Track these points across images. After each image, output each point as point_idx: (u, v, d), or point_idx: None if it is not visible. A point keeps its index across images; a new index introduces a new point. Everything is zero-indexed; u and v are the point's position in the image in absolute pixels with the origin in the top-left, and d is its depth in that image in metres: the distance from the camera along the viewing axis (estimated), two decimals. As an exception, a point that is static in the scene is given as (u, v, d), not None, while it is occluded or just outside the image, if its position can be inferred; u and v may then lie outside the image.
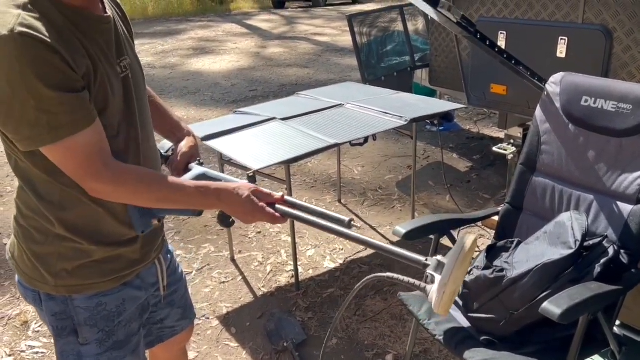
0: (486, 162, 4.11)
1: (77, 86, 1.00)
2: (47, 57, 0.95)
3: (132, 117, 1.18)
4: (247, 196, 1.09)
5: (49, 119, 0.97)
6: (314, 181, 3.95)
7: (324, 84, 6.96)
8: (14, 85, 0.94)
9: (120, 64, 1.15)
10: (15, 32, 0.93)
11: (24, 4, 0.99)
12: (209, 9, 16.26)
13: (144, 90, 1.27)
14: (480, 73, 2.94)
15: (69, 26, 1.03)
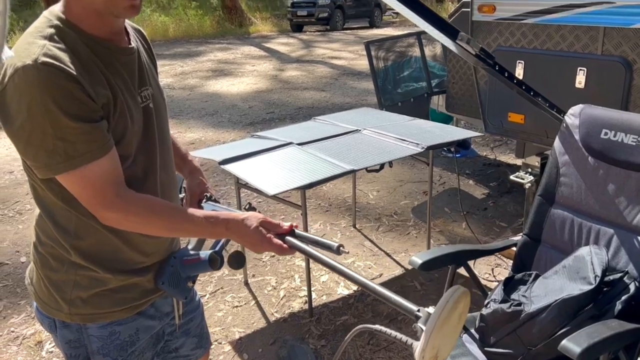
0: (503, 190, 4.07)
1: (96, 116, 1.02)
2: (68, 87, 0.98)
3: (151, 146, 1.20)
4: (256, 227, 1.10)
5: (66, 147, 0.99)
6: (328, 205, 3.95)
7: (340, 107, 7.00)
8: (35, 113, 0.97)
9: (141, 94, 1.17)
10: (39, 62, 0.96)
11: (50, 35, 1.02)
12: (229, 32, 16.55)
13: (166, 119, 1.29)
14: (498, 101, 2.94)
15: (92, 57, 1.05)
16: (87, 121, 1.00)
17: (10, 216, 3.90)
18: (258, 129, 6.10)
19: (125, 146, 1.12)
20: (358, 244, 3.36)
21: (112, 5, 1.04)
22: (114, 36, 1.12)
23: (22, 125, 0.98)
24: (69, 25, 1.05)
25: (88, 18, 1.06)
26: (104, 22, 1.08)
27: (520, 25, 2.75)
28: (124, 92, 1.11)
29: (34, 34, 1.03)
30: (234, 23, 17.29)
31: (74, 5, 1.06)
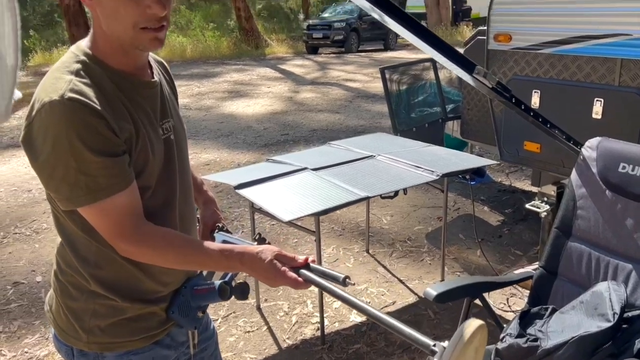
0: (518, 217, 4.04)
1: (118, 150, 1.05)
2: (92, 122, 1.01)
3: (171, 177, 1.22)
4: (270, 260, 1.10)
5: (87, 181, 1.02)
6: (342, 229, 3.95)
7: (354, 130, 7.03)
8: (59, 147, 0.99)
9: (162, 126, 1.20)
10: (66, 97, 0.99)
11: (76, 70, 1.05)
12: (245, 53, 16.77)
13: (186, 150, 1.31)
14: (514, 130, 2.94)
15: (116, 92, 1.09)
16: (110, 155, 1.03)
17: (27, 235, 3.95)
18: (272, 150, 6.14)
19: (146, 178, 1.14)
20: (371, 269, 3.34)
21: (136, 40, 1.07)
22: (138, 71, 1.15)
23: (47, 158, 1.01)
24: (95, 60, 1.09)
25: (114, 54, 1.10)
26: (128, 58, 1.12)
27: (536, 55, 2.76)
28: (146, 125, 1.13)
29: (61, 69, 1.06)
30: (250, 44, 17.53)
31: (100, 41, 1.10)
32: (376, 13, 1.43)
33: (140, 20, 1.04)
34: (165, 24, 1.08)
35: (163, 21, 1.07)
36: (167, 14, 1.07)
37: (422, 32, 1.49)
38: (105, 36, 1.09)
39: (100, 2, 1.04)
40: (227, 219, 4.15)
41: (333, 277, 1.10)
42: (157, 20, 1.06)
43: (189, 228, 1.30)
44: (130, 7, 1.02)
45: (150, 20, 1.05)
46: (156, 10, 1.04)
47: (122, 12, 1.03)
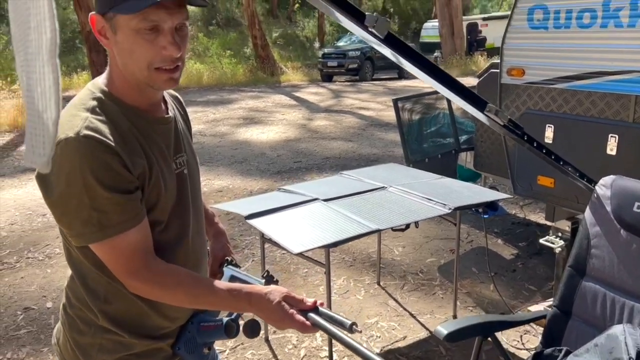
0: (532, 251, 3.98)
1: (131, 187, 1.06)
2: (107, 159, 1.02)
3: (184, 211, 1.23)
4: (278, 302, 1.09)
5: (100, 218, 1.03)
6: (352, 259, 3.92)
7: (367, 158, 7.04)
8: (73, 184, 1.01)
9: (176, 161, 1.22)
10: (81, 134, 1.01)
11: (92, 107, 1.08)
12: (260, 80, 17.01)
13: (199, 185, 1.33)
14: (527, 164, 2.92)
15: (131, 128, 1.10)
16: (122, 192, 1.04)
17: (40, 260, 3.98)
18: (285, 178, 6.16)
19: (159, 213, 1.15)
20: (382, 302, 3.30)
21: (151, 79, 1.09)
22: (152, 107, 1.17)
23: (60, 194, 1.02)
24: (111, 97, 1.11)
25: (129, 91, 1.12)
26: (143, 95, 1.14)
27: (550, 90, 2.76)
28: (160, 161, 1.15)
29: (77, 106, 1.08)
30: (266, 72, 17.79)
31: (116, 78, 1.12)
32: (387, 51, 1.44)
33: (155, 61, 1.06)
34: (180, 64, 1.11)
35: (178, 62, 1.09)
36: (182, 54, 1.09)
37: (433, 70, 1.50)
38: (121, 74, 1.11)
39: (117, 42, 1.06)
40: (238, 247, 4.15)
41: (340, 322, 1.09)
42: (171, 61, 1.08)
43: (200, 263, 1.31)
44: (145, 48, 1.05)
45: (165, 60, 1.07)
46: (171, 52, 1.06)
47: (137, 52, 1.05)
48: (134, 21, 1.02)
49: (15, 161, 7.10)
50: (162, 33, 1.05)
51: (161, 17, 1.03)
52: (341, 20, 1.38)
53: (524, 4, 2.77)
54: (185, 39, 1.10)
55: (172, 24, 1.05)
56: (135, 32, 1.03)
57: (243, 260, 3.91)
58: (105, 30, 1.07)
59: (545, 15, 2.69)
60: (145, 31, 1.03)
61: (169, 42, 1.05)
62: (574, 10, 2.57)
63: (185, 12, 1.08)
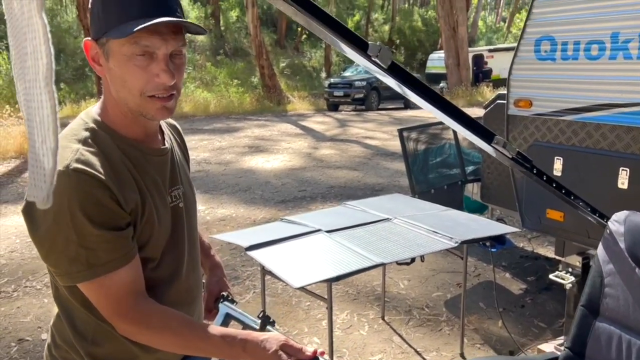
0: (541, 286, 3.87)
1: (122, 223, 1.01)
2: (97, 194, 0.97)
3: (178, 247, 1.18)
4: (275, 351, 1.01)
5: (88, 256, 0.97)
6: (356, 292, 3.82)
7: (372, 188, 6.98)
8: (60, 221, 0.95)
9: (172, 194, 1.17)
10: (71, 168, 0.96)
11: (84, 139, 1.03)
12: (267, 109, 17.13)
13: (195, 218, 1.27)
14: (536, 197, 2.85)
15: (124, 160, 1.06)
16: (113, 229, 0.99)
17: (38, 289, 3.91)
18: (289, 207, 6.10)
19: (151, 249, 1.10)
20: (386, 338, 3.19)
21: (143, 108, 1.04)
22: (147, 138, 1.13)
23: (47, 230, 0.97)
24: (104, 127, 1.07)
25: (123, 121, 1.08)
26: (137, 125, 1.09)
27: (558, 122, 2.71)
28: (154, 194, 1.10)
29: (68, 137, 1.04)
30: (272, 101, 17.94)
31: (110, 107, 1.08)
32: (391, 81, 1.40)
33: (147, 89, 1.02)
34: (174, 93, 1.06)
35: (172, 90, 1.05)
36: (176, 82, 1.04)
37: (438, 100, 1.45)
38: (115, 103, 1.07)
39: (109, 68, 1.02)
40: (239, 278, 4.06)
41: None
42: (165, 89, 1.03)
43: (194, 301, 1.25)
44: (137, 75, 1.00)
45: (157, 88, 1.03)
46: (164, 79, 1.02)
47: (129, 79, 1.01)
48: (125, 46, 0.98)
49: (19, 187, 7.09)
50: (155, 60, 1.01)
51: (154, 42, 0.99)
52: (345, 51, 1.34)
53: (531, 35, 2.75)
54: (181, 68, 1.06)
55: (166, 50, 1.01)
56: (127, 58, 0.99)
57: (244, 292, 3.83)
58: (98, 57, 1.04)
59: (552, 46, 2.66)
60: (137, 57, 0.99)
61: (161, 69, 1.01)
62: (581, 42, 2.54)
63: (182, 39, 1.04)
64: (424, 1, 45.27)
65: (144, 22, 0.96)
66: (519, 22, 43.40)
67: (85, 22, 12.51)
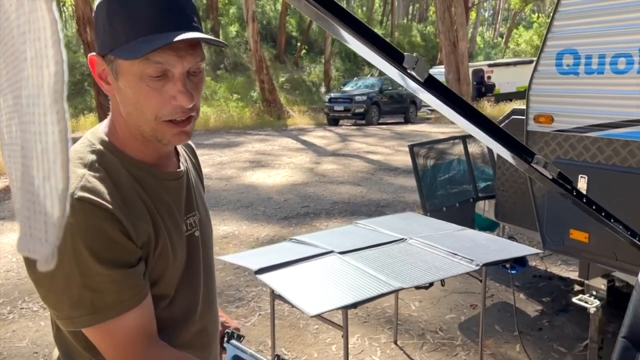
0: (558, 307, 3.73)
1: (133, 260, 0.88)
2: (104, 227, 0.84)
3: (194, 280, 1.05)
4: None
5: (93, 298, 0.84)
6: (367, 315, 3.67)
7: (377, 203, 6.85)
8: (62, 257, 0.82)
9: (187, 221, 1.04)
10: (75, 197, 0.83)
11: (90, 162, 0.90)
12: (267, 123, 17.06)
13: (211, 248, 1.14)
14: (558, 216, 2.72)
15: (135, 186, 0.93)
16: (122, 267, 0.86)
17: (34, 310, 3.75)
18: (293, 224, 5.96)
19: (164, 285, 0.97)
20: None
21: (159, 133, 0.91)
22: (161, 160, 1.00)
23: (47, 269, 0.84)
24: (113, 149, 0.94)
25: (133, 142, 0.95)
26: (150, 147, 0.96)
27: (582, 138, 2.60)
28: (168, 224, 0.97)
29: (73, 161, 0.90)
30: (272, 115, 17.88)
31: (119, 127, 0.95)
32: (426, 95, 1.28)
33: (163, 113, 0.89)
34: (193, 114, 0.92)
35: (191, 112, 0.91)
36: (195, 103, 0.91)
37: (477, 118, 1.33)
38: (125, 123, 0.94)
39: (119, 88, 0.89)
40: (243, 300, 3.91)
41: None
42: (183, 112, 0.90)
43: (210, 342, 1.11)
44: (151, 97, 0.87)
45: (175, 112, 0.89)
46: (182, 102, 0.88)
47: (142, 101, 0.88)
48: (136, 65, 0.85)
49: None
50: (171, 79, 0.87)
51: (169, 60, 0.85)
52: (375, 62, 1.22)
53: (552, 48, 2.65)
54: (199, 85, 0.92)
55: (182, 68, 0.87)
56: (138, 78, 0.86)
57: (249, 315, 3.67)
58: (106, 74, 0.90)
59: (575, 60, 2.55)
60: (151, 78, 0.86)
61: (179, 90, 0.87)
62: (607, 55, 2.43)
63: (200, 54, 0.89)
64: (422, 17, 45.65)
65: (157, 39, 0.82)
66: (517, 38, 43.75)
67: (85, 36, 12.44)
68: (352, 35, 1.02)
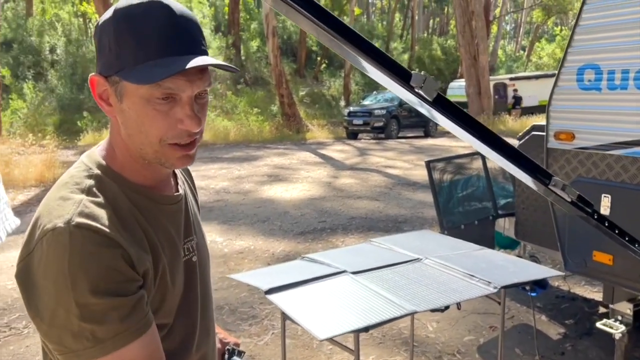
0: (582, 330, 3.59)
1: (133, 288, 0.84)
2: (103, 254, 0.80)
3: (191, 308, 1.01)
4: None
5: (93, 330, 0.80)
6: (382, 336, 3.58)
7: (395, 219, 6.76)
8: (60, 288, 0.79)
9: (184, 246, 1.01)
10: (73, 223, 0.80)
11: (88, 188, 0.87)
12: (286, 137, 17.11)
13: (208, 274, 1.10)
14: (581, 237, 2.62)
15: (134, 212, 0.89)
16: (122, 295, 0.81)
17: (48, 326, 3.75)
18: (309, 239, 5.91)
19: (164, 314, 0.93)
20: (416, 389, 2.94)
21: (162, 156, 0.88)
22: (159, 183, 0.97)
23: (47, 302, 0.80)
24: (111, 173, 0.90)
25: (132, 165, 0.92)
26: (149, 170, 0.93)
27: (605, 156, 2.50)
28: (166, 251, 0.93)
29: (70, 186, 0.87)
30: (291, 129, 17.94)
31: (118, 150, 0.92)
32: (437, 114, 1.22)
33: (168, 136, 0.86)
34: (198, 137, 0.89)
35: (196, 135, 0.89)
36: (201, 128, 0.89)
37: (491, 139, 1.27)
38: (125, 146, 0.91)
39: (122, 110, 0.86)
40: (257, 317, 3.86)
41: None
42: (188, 136, 0.87)
43: None
44: (157, 120, 0.85)
45: (181, 136, 0.87)
46: (189, 126, 0.86)
47: (146, 124, 0.85)
48: (144, 89, 0.83)
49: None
50: (178, 103, 0.85)
51: (179, 85, 0.83)
52: (381, 80, 1.17)
53: (573, 63, 2.56)
54: (204, 108, 0.89)
55: (191, 93, 0.85)
56: (145, 100, 0.84)
57: (262, 333, 3.61)
58: (107, 95, 0.88)
59: (597, 75, 2.47)
60: (158, 101, 0.84)
61: (186, 115, 0.85)
62: (631, 70, 2.34)
63: (208, 79, 0.87)
64: (442, 30, 45.58)
65: (169, 63, 0.81)
66: (539, 51, 43.34)
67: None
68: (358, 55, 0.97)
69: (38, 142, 11.46)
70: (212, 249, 5.49)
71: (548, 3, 34.35)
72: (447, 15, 46.51)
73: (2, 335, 3.57)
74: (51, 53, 20.82)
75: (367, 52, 0.98)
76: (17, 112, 16.14)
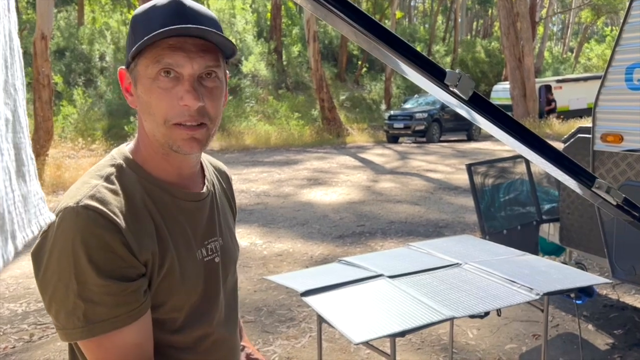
0: (631, 341, 3.43)
1: (133, 274, 0.86)
2: (106, 237, 0.84)
3: (210, 310, 1.01)
4: None
5: (86, 310, 0.83)
6: (420, 341, 3.52)
7: (436, 224, 6.66)
8: (63, 264, 0.83)
9: (207, 246, 1.01)
10: (81, 204, 0.84)
11: (107, 175, 0.91)
12: (326, 141, 17.14)
13: (233, 278, 1.10)
14: (629, 243, 2.51)
15: (147, 203, 0.92)
16: (120, 279, 0.84)
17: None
18: (347, 243, 5.89)
19: (170, 309, 0.94)
20: (454, 396, 2.88)
21: (169, 138, 0.90)
22: (182, 180, 0.99)
23: (50, 276, 0.84)
24: (133, 165, 0.95)
25: (154, 157, 0.95)
26: (169, 163, 0.96)
27: (656, 159, 2.39)
28: (179, 246, 0.95)
29: (92, 173, 0.93)
30: (332, 133, 17.95)
31: (143, 145, 0.96)
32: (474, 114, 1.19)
33: (171, 115, 0.88)
34: (206, 122, 0.90)
35: (202, 118, 0.89)
36: (207, 109, 0.89)
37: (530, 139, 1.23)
38: (147, 138, 0.95)
39: (138, 97, 0.91)
40: (294, 320, 3.87)
41: None
42: (190, 115, 0.88)
43: None
44: (160, 99, 0.88)
45: (182, 114, 0.88)
46: (188, 102, 0.87)
47: (154, 105, 0.89)
48: (150, 67, 0.87)
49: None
50: (180, 81, 0.88)
51: (178, 60, 0.86)
52: (415, 78, 1.16)
53: (621, 62, 2.46)
54: (214, 92, 0.90)
55: (191, 70, 0.87)
56: (152, 80, 0.88)
57: (299, 335, 3.62)
58: (130, 86, 0.93)
59: (647, 74, 2.36)
60: (161, 77, 0.87)
61: (185, 90, 0.87)
62: (684, 69, 2.23)
63: (212, 59, 0.89)
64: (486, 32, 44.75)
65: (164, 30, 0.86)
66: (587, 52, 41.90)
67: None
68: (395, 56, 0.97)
69: (87, 146, 11.91)
70: (251, 251, 5.57)
71: (597, 3, 33.17)
72: (491, 17, 45.63)
73: (50, 332, 3.71)
74: (100, 60, 21.58)
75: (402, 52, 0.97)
76: (68, 117, 16.79)
